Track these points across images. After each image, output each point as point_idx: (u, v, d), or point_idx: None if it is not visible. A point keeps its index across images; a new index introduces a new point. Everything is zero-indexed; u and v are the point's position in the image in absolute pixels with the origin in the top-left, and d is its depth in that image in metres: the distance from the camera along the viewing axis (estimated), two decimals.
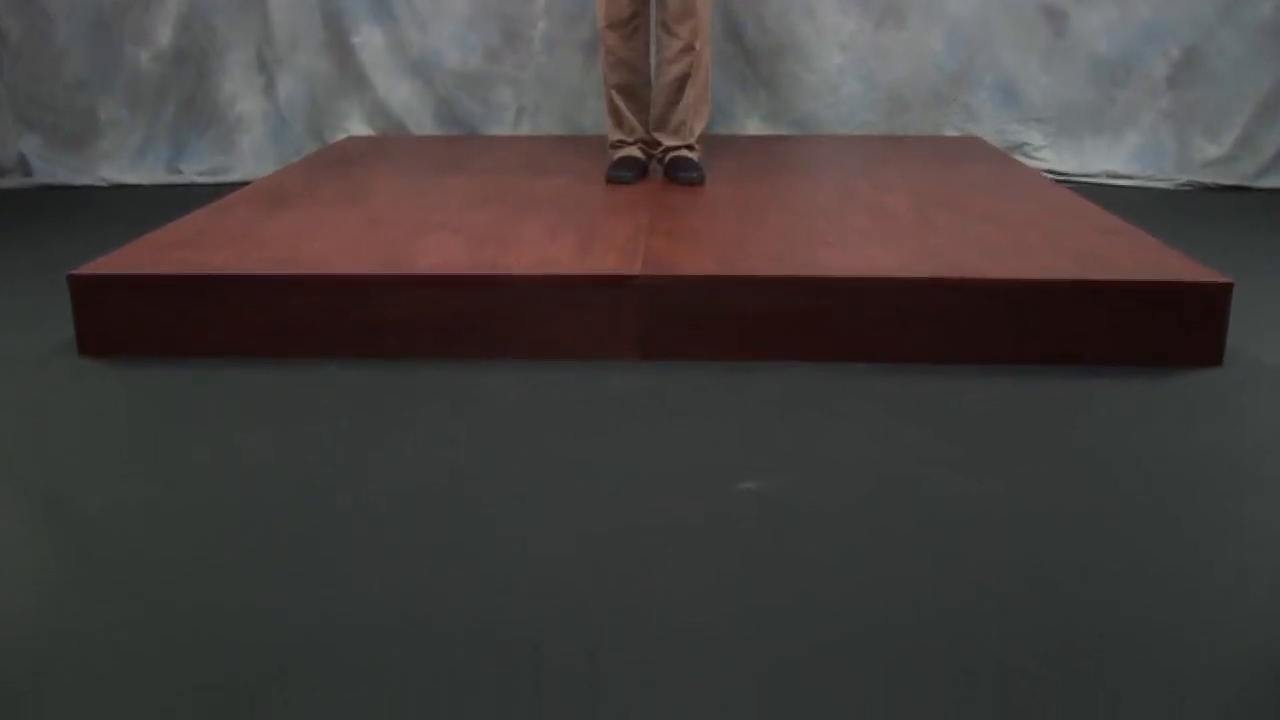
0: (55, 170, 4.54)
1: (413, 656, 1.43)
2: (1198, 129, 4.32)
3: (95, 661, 1.43)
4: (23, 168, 4.54)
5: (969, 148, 4.14)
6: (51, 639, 1.49)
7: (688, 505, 1.83)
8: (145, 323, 2.53)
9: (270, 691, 1.37)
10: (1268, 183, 4.26)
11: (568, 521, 1.78)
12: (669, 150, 3.45)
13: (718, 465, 1.97)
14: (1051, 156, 4.44)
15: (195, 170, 4.58)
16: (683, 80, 3.34)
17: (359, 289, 2.49)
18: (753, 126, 4.58)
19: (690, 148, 3.44)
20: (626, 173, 3.43)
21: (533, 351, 2.49)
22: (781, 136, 4.47)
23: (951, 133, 4.50)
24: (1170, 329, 2.42)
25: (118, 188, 4.50)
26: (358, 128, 4.61)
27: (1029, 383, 2.35)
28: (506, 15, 4.46)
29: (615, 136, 3.54)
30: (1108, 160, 4.40)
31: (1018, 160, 4.07)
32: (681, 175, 3.39)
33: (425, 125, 4.61)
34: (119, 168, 4.56)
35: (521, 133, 4.59)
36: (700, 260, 2.59)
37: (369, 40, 4.51)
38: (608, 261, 2.56)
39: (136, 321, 2.53)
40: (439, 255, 2.63)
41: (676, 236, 2.78)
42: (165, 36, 4.47)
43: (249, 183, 3.70)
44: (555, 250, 2.66)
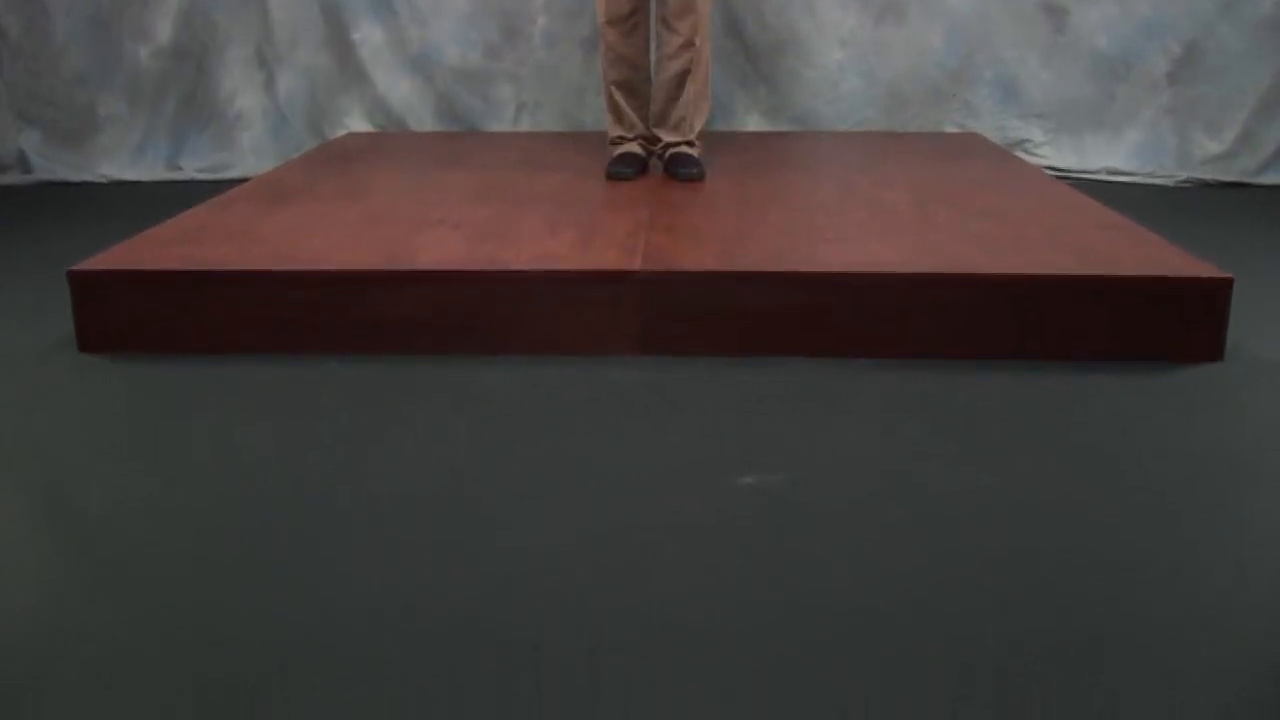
0: (55, 167, 4.54)
1: (412, 654, 1.42)
2: (1198, 125, 4.31)
3: (95, 658, 1.43)
4: (22, 164, 4.54)
5: (969, 144, 4.13)
6: (51, 636, 1.49)
7: (688, 501, 1.83)
8: (145, 318, 2.53)
9: (270, 689, 1.36)
10: (1268, 179, 4.26)
11: (567, 518, 1.78)
12: (669, 146, 3.45)
13: (718, 461, 1.97)
14: (1051, 153, 4.44)
15: (195, 167, 4.58)
16: (683, 76, 3.34)
17: (359, 285, 2.49)
18: (753, 123, 4.57)
19: (690, 144, 3.44)
20: (626, 169, 3.43)
21: (532, 347, 2.49)
22: (781, 133, 4.46)
23: (951, 129, 4.50)
24: (1171, 324, 2.42)
25: (117, 184, 4.50)
26: (358, 124, 4.61)
27: (1029, 378, 2.34)
28: (506, 11, 4.45)
29: (615, 132, 3.54)
30: (1108, 157, 4.40)
31: (1018, 157, 4.07)
32: (681, 171, 3.39)
33: (425, 121, 4.61)
34: (119, 164, 4.55)
35: (521, 129, 4.59)
36: (700, 256, 2.59)
37: (369, 36, 4.51)
38: (608, 257, 2.55)
39: (136, 317, 2.53)
40: (439, 251, 2.63)
41: (676, 232, 2.78)
42: (165, 33, 4.46)
43: (249, 179, 3.70)
44: (555, 246, 2.65)
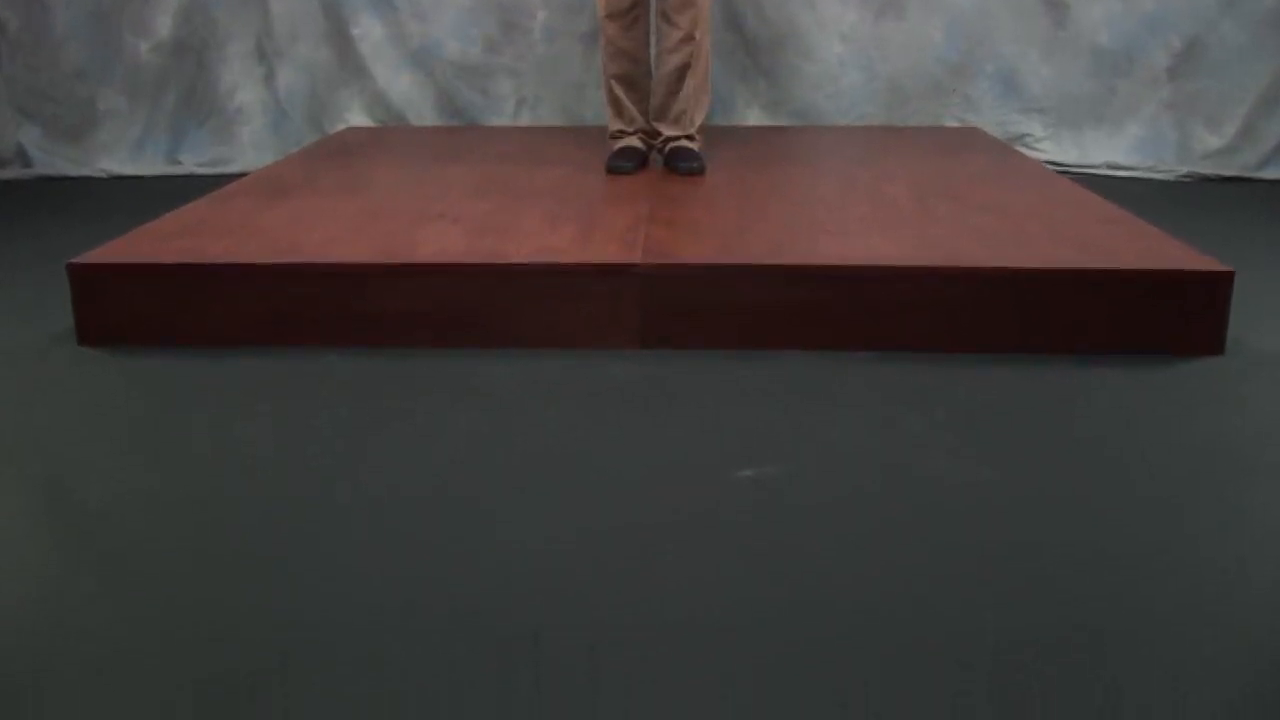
0: (54, 161, 4.53)
1: (412, 650, 1.42)
2: (1199, 120, 4.31)
3: (95, 653, 1.43)
4: (22, 159, 4.53)
5: (969, 138, 4.13)
6: (50, 630, 1.48)
7: (687, 495, 1.83)
8: (145, 312, 2.52)
9: (270, 685, 1.36)
10: (1269, 174, 4.26)
11: (567, 512, 1.78)
12: (669, 140, 3.44)
13: (718, 454, 1.96)
14: (1052, 147, 4.44)
15: (195, 161, 4.57)
16: (683, 70, 3.34)
17: (359, 278, 2.49)
18: (753, 117, 4.57)
19: (690, 138, 3.44)
20: (626, 163, 3.42)
21: (532, 341, 2.48)
22: (781, 127, 4.46)
23: (952, 123, 4.49)
24: (1171, 318, 2.41)
25: (117, 179, 4.49)
26: (357, 118, 4.61)
27: (1029, 372, 2.34)
28: (506, 6, 4.45)
29: (615, 126, 3.53)
30: (1108, 151, 4.39)
31: (1018, 151, 4.06)
32: (681, 165, 3.39)
33: (425, 116, 4.61)
34: (118, 159, 4.55)
35: (521, 123, 4.59)
36: (700, 249, 2.58)
37: (369, 31, 4.50)
38: (608, 251, 2.55)
39: (136, 311, 2.52)
40: (439, 245, 2.62)
41: (677, 226, 2.78)
42: (165, 27, 4.46)
43: (249, 174, 3.69)
44: (555, 240, 2.65)
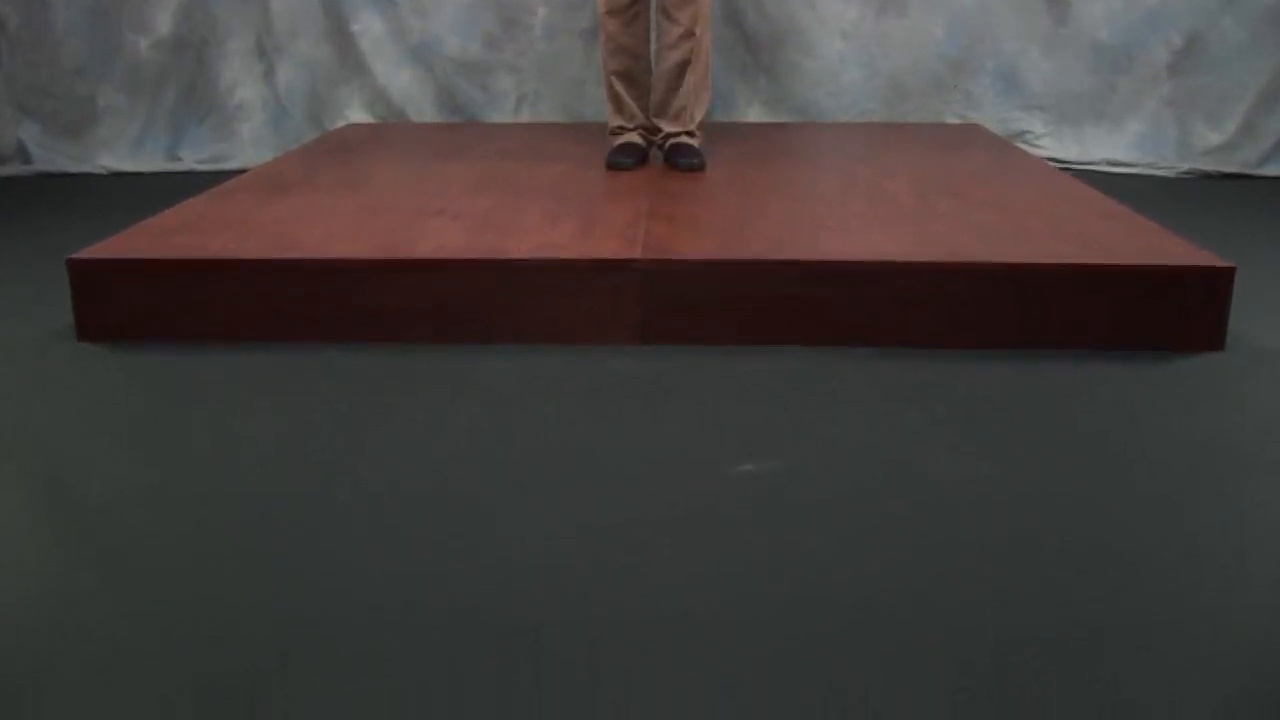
0: (54, 158, 4.53)
1: (412, 646, 1.42)
2: (1199, 116, 4.31)
3: (94, 651, 1.43)
4: (22, 155, 4.53)
5: (970, 135, 4.13)
6: (49, 628, 1.48)
7: (687, 491, 1.83)
8: (144, 308, 2.52)
9: (270, 682, 1.36)
10: (1269, 170, 4.25)
11: (567, 508, 1.78)
12: (669, 136, 3.44)
13: (717, 450, 1.96)
14: (1052, 144, 4.43)
15: (195, 158, 4.57)
16: (683, 66, 3.33)
17: (359, 274, 2.49)
18: (753, 114, 4.56)
19: (691, 134, 3.43)
20: (626, 159, 3.42)
21: (532, 337, 2.48)
22: (782, 124, 4.46)
23: (953, 120, 4.49)
24: (1172, 314, 2.41)
25: (117, 175, 4.49)
26: (358, 115, 4.60)
27: (1030, 367, 2.34)
28: (506, 3, 4.45)
29: (615, 123, 3.53)
30: (1109, 148, 4.39)
31: (1019, 148, 4.06)
32: (682, 161, 3.38)
33: (425, 113, 4.61)
34: (118, 155, 4.55)
35: (522, 120, 4.58)
36: (701, 245, 2.58)
37: (369, 28, 4.50)
38: (608, 246, 2.55)
39: (135, 306, 2.52)
40: (439, 240, 2.62)
41: (677, 222, 2.78)
42: (165, 24, 4.46)
43: (248, 170, 3.69)
44: (555, 235, 2.65)
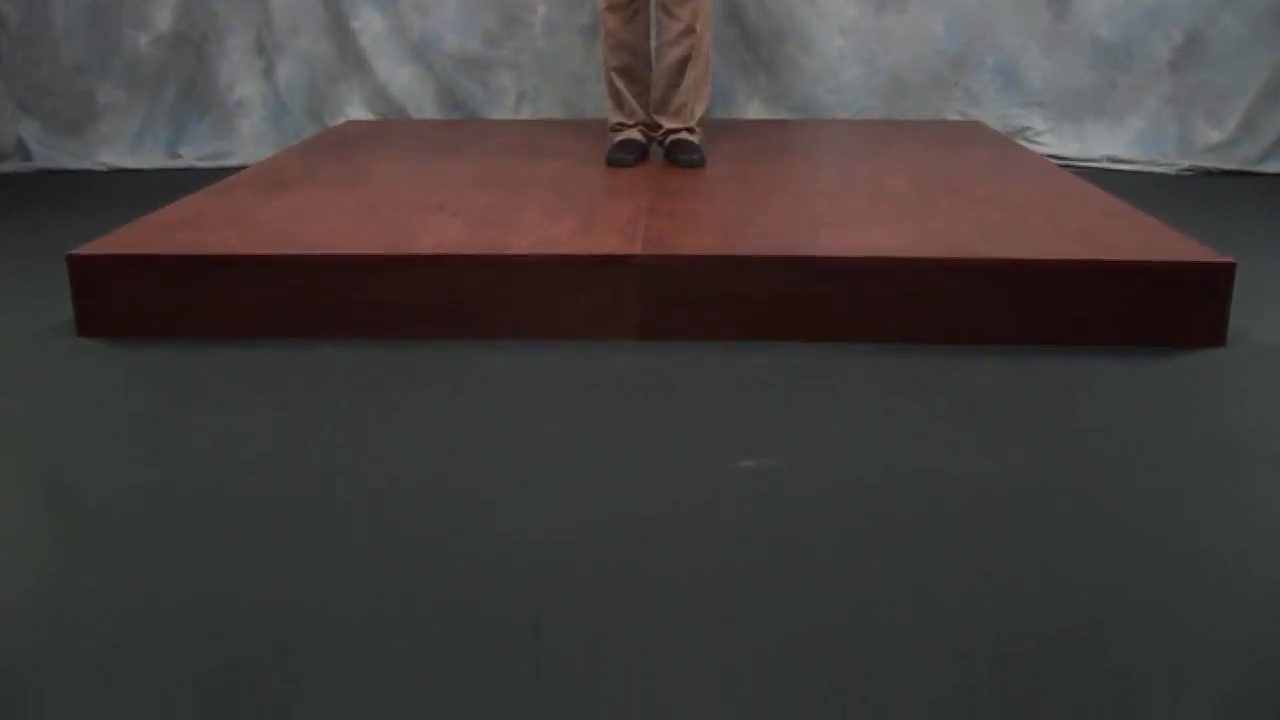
0: (54, 155, 4.53)
1: (413, 641, 1.42)
2: (1199, 113, 4.30)
3: (94, 649, 1.42)
4: (22, 152, 4.53)
5: (970, 132, 4.12)
6: (50, 626, 1.48)
7: (688, 487, 1.83)
8: (144, 303, 2.52)
9: (270, 678, 1.36)
10: (1269, 167, 4.25)
11: (568, 504, 1.78)
12: (669, 133, 3.44)
13: (718, 445, 1.96)
14: (1053, 141, 4.43)
15: (195, 155, 4.57)
16: (683, 63, 3.33)
17: (359, 270, 2.49)
18: (753, 110, 4.56)
19: (691, 130, 3.43)
20: (627, 155, 3.42)
21: (532, 332, 2.48)
22: (782, 120, 4.45)
23: (953, 117, 4.49)
24: (1173, 310, 2.41)
25: (117, 172, 4.49)
26: (357, 112, 4.60)
27: (1030, 363, 2.34)
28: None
29: (615, 119, 3.53)
30: (1109, 145, 4.39)
31: (1019, 144, 4.06)
32: (682, 158, 3.38)
33: (425, 109, 4.60)
34: (118, 152, 4.55)
35: (522, 116, 4.58)
36: (701, 241, 2.58)
37: (369, 24, 4.49)
38: (608, 242, 2.55)
39: (135, 302, 2.52)
40: (439, 236, 2.62)
41: (677, 218, 2.78)
42: (165, 20, 4.45)
43: (248, 167, 3.69)
44: (555, 231, 2.65)
